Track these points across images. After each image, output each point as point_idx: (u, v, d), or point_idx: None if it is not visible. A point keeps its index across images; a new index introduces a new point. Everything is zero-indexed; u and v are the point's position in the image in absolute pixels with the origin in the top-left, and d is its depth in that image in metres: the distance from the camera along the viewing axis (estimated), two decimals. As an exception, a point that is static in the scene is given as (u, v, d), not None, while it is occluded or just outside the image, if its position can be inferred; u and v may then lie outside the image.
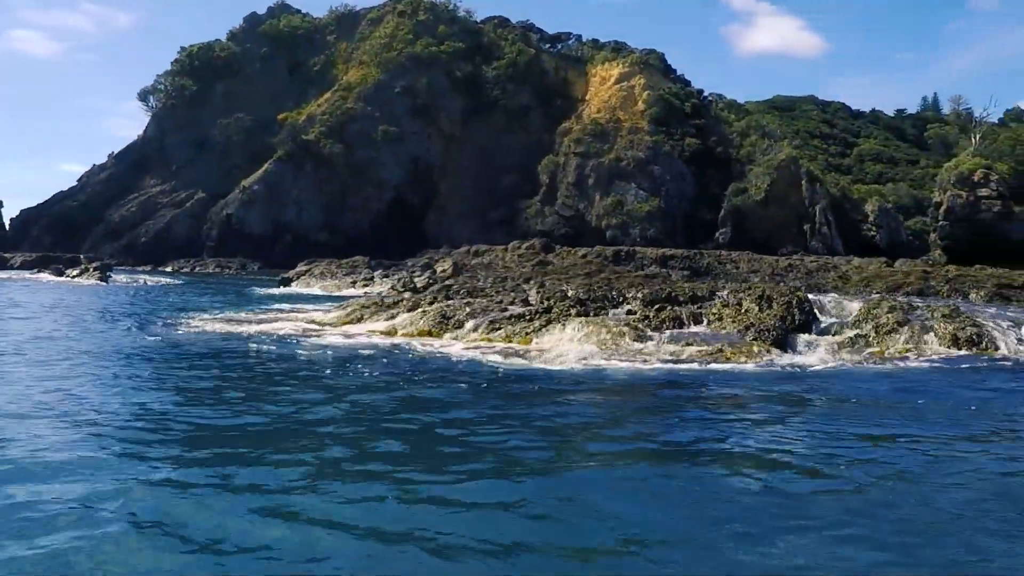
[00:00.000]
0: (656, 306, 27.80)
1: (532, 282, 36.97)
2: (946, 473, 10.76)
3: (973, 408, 15.55)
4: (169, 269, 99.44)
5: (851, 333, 24.88)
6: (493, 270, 62.11)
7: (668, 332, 25.33)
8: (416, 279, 57.84)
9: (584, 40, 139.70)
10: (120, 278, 69.89)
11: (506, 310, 29.94)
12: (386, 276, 62.46)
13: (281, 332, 27.24)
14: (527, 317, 28.52)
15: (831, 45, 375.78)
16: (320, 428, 12.80)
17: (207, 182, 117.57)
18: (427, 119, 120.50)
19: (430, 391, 16.61)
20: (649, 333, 25.14)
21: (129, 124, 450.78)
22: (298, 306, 39.21)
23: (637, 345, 23.95)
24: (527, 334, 26.24)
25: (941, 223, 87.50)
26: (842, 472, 10.72)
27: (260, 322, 30.58)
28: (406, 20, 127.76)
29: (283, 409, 14.25)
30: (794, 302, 26.69)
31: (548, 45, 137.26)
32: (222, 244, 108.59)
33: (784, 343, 24.17)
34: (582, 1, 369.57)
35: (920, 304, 27.62)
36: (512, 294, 32.83)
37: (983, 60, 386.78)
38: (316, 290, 59.03)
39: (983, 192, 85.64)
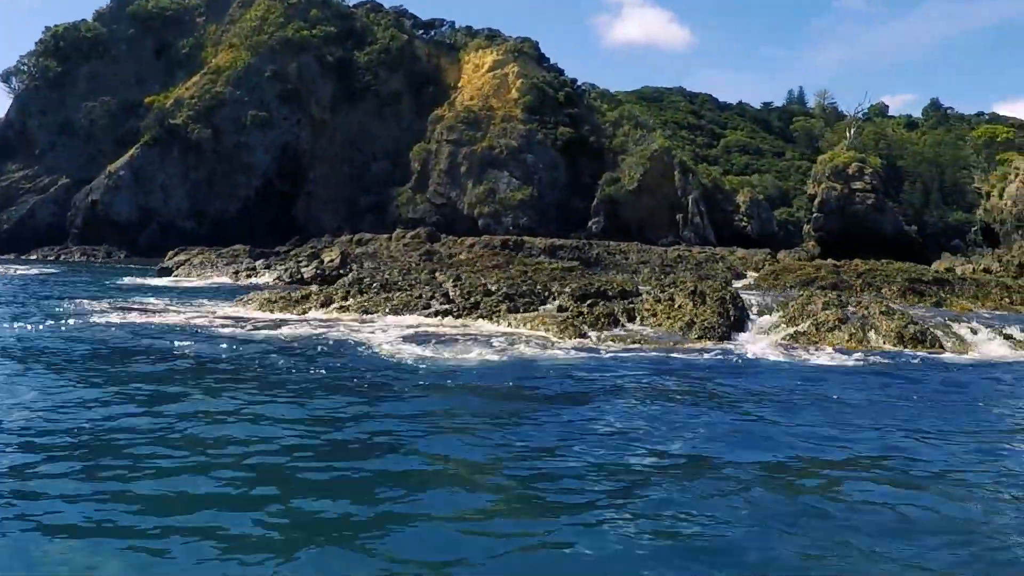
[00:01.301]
0: (588, 302, 27.36)
1: (442, 274, 36.20)
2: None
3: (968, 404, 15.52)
4: (34, 257, 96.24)
5: (791, 330, 24.66)
6: (378, 259, 61.23)
7: (611, 331, 24.85)
8: (303, 269, 56.74)
9: (458, 27, 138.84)
10: (-10, 267, 67.62)
11: (429, 305, 29.33)
12: (268, 266, 60.90)
13: (199, 324, 26.18)
14: (454, 313, 27.98)
15: (698, 38, 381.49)
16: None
17: (72, 167, 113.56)
18: (297, 104, 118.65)
19: (357, 376, 15.89)
20: (587, 331, 24.61)
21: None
22: (190, 298, 37.84)
23: (578, 343, 23.42)
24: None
25: (815, 215, 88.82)
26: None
27: (165, 312, 29.55)
28: (277, 3, 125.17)
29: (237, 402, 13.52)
30: (728, 298, 26.54)
31: (421, 31, 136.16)
32: (87, 231, 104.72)
33: (728, 340, 23.92)
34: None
35: (850, 300, 27.40)
36: (427, 287, 32.12)
37: (849, 56, 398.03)
38: (198, 280, 57.37)
39: (857, 185, 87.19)
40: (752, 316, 26.84)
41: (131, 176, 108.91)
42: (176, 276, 60.42)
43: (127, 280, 54.81)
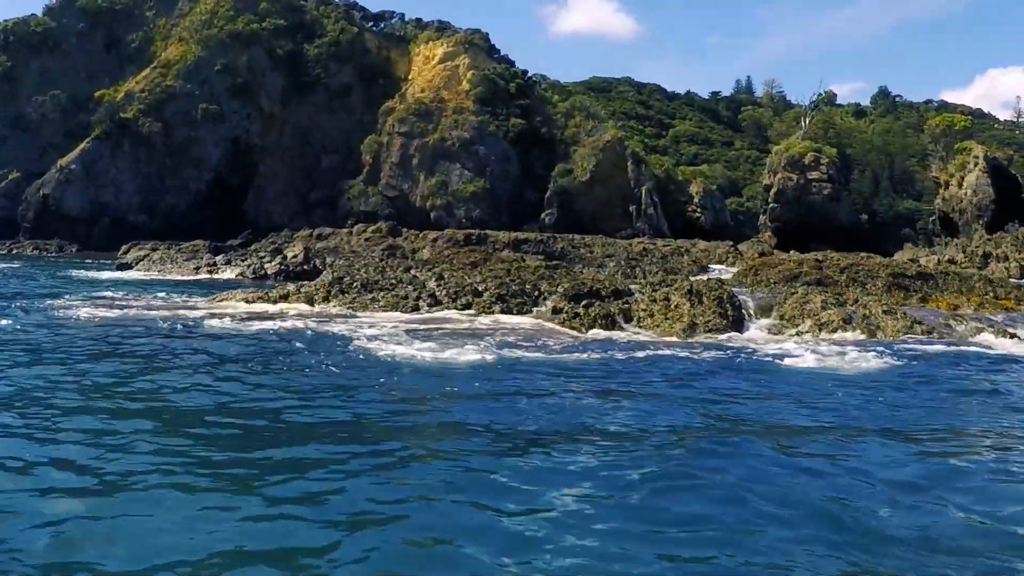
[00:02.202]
0: (583, 302, 27.11)
1: (422, 273, 35.87)
2: None
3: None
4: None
5: (793, 330, 24.63)
6: (340, 254, 60.96)
7: (609, 333, 24.68)
8: (267, 265, 56.37)
9: (407, 19, 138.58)
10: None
11: (417, 307, 29.17)
12: (229, 262, 60.44)
13: (186, 322, 25.73)
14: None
15: (644, 28, 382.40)
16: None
17: (23, 161, 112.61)
18: (247, 98, 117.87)
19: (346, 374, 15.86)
20: (586, 334, 24.42)
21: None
22: (160, 294, 37.24)
23: (580, 343, 23.28)
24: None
25: (771, 205, 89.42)
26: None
27: (147, 309, 29.16)
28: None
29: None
30: (725, 297, 26.45)
31: (371, 24, 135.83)
32: (39, 225, 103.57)
33: (732, 340, 23.90)
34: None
35: (845, 298, 27.44)
36: (411, 287, 31.88)
37: (796, 45, 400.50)
38: (161, 275, 56.67)
39: (813, 175, 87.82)
40: (748, 315, 26.73)
41: (82, 170, 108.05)
42: (137, 271, 59.70)
43: (89, 275, 53.99)
